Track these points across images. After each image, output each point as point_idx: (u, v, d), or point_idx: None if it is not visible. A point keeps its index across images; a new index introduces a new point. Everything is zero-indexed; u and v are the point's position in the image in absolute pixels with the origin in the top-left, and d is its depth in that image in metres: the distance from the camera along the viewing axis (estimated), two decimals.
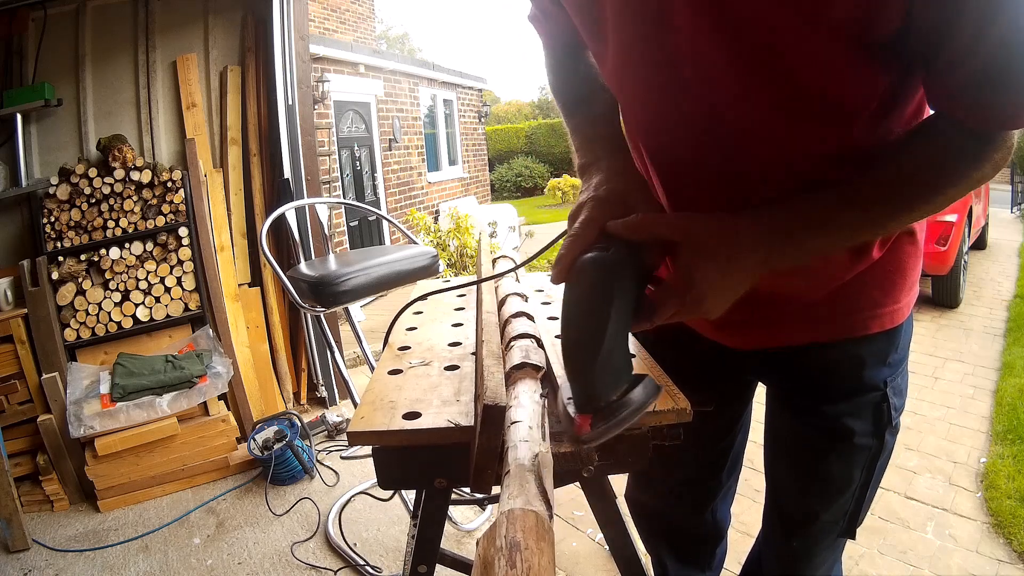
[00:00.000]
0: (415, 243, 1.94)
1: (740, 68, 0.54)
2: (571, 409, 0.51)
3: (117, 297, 2.30)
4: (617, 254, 0.52)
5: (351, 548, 1.79)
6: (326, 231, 2.70)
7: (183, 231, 2.37)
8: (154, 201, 2.35)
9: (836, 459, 0.78)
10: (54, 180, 2.23)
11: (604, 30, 0.62)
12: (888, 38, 0.49)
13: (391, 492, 1.80)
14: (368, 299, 1.83)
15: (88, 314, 2.26)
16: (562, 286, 0.55)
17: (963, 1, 0.45)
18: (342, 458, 2.40)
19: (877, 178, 0.54)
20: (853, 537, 0.85)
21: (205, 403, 2.27)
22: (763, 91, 0.55)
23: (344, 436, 2.55)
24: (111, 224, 2.30)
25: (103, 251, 2.28)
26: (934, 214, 0.68)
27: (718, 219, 0.54)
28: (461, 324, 1.00)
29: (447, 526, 1.15)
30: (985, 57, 0.47)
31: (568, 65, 0.77)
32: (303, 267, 1.74)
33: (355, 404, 1.91)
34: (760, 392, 0.94)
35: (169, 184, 2.35)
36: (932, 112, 0.56)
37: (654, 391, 0.50)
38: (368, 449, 0.65)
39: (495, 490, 0.57)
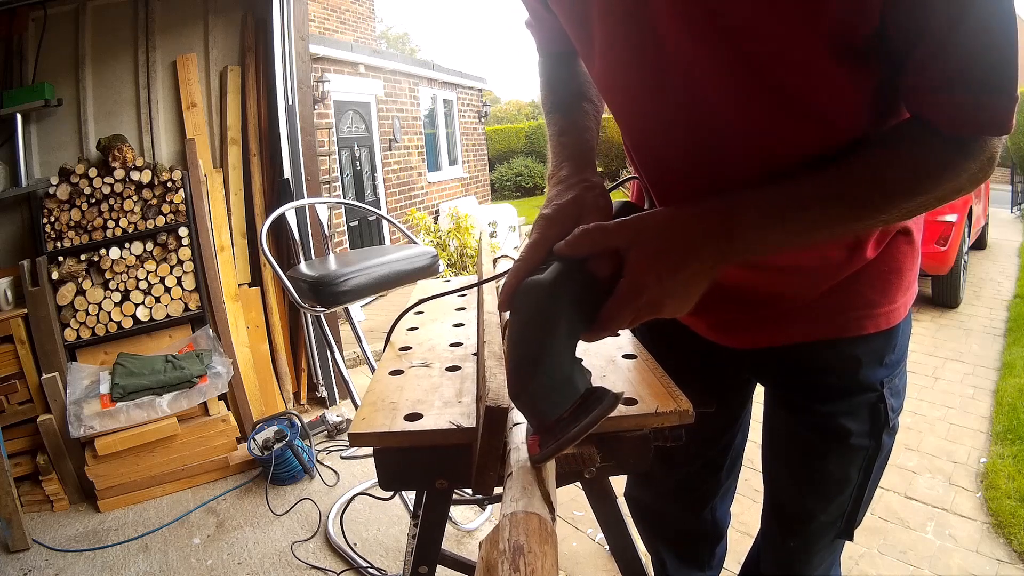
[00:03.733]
0: (415, 243, 1.94)
1: (725, 70, 0.54)
2: (520, 431, 0.51)
3: (117, 297, 2.30)
4: (554, 272, 0.51)
5: (352, 548, 1.79)
6: (326, 231, 2.70)
7: (183, 231, 2.37)
8: (154, 201, 2.35)
9: (833, 459, 0.78)
10: (54, 180, 2.23)
11: (591, 32, 0.62)
12: (868, 40, 0.49)
13: (392, 492, 1.80)
14: (368, 299, 1.83)
15: (88, 314, 2.26)
16: None
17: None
18: (342, 458, 2.40)
19: (846, 177, 0.52)
20: (851, 538, 0.85)
21: (205, 403, 2.27)
22: (748, 93, 0.55)
23: (344, 436, 2.55)
24: (111, 224, 2.30)
25: (103, 251, 2.28)
26: (904, 221, 0.67)
27: (663, 216, 0.53)
28: (462, 324, 1.00)
29: (447, 526, 1.15)
30: (955, 55, 0.47)
31: (554, 72, 0.77)
32: (303, 267, 1.74)
33: (355, 404, 1.90)
34: (759, 392, 0.94)
35: (169, 184, 2.35)
36: (907, 116, 0.55)
37: (610, 402, 0.48)
38: (368, 449, 0.65)
39: (495, 490, 0.57)
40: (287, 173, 2.67)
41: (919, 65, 0.49)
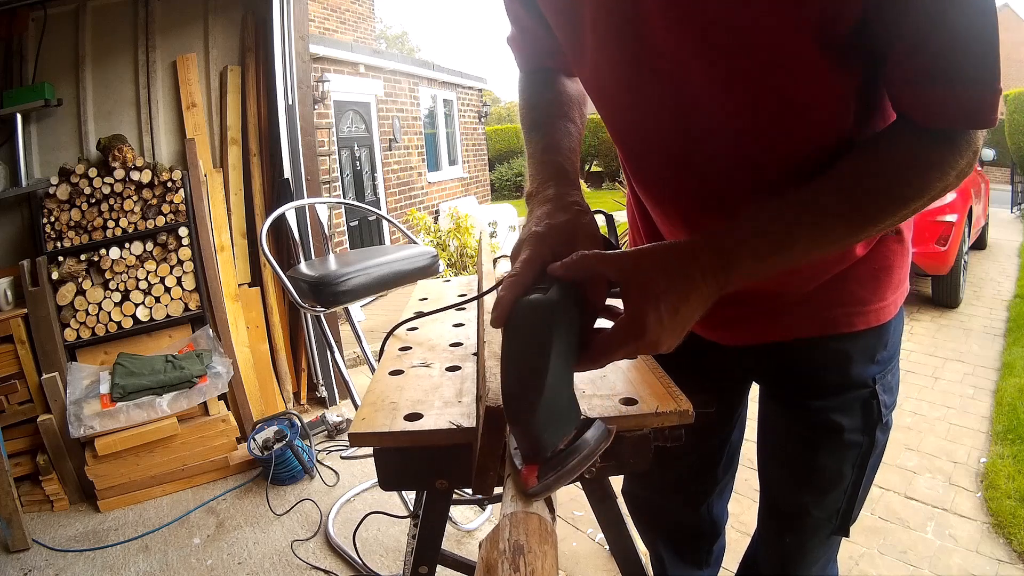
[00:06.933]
0: (415, 243, 1.94)
1: (711, 68, 0.55)
2: (517, 460, 0.49)
3: (117, 297, 2.30)
4: (555, 295, 0.50)
5: (352, 548, 1.79)
6: (326, 231, 2.70)
7: (183, 231, 2.37)
8: (154, 201, 2.35)
9: (826, 454, 0.79)
10: (54, 180, 2.23)
11: (583, 34, 0.62)
12: (850, 33, 0.50)
13: (407, 515, 1.80)
14: (368, 299, 1.83)
15: (88, 314, 2.26)
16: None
17: None
18: (342, 458, 2.40)
19: (837, 191, 0.52)
20: (847, 535, 0.86)
21: (205, 403, 2.27)
22: (734, 90, 0.56)
23: (344, 436, 2.55)
24: (111, 224, 2.30)
25: (103, 251, 2.28)
26: (899, 224, 0.68)
27: (664, 254, 0.52)
28: (462, 324, 1.00)
29: (447, 526, 1.15)
30: (937, 48, 0.47)
31: (536, 90, 0.76)
32: (303, 267, 1.74)
33: (355, 404, 1.90)
34: (756, 391, 0.94)
35: (169, 184, 2.35)
36: (893, 120, 0.55)
37: (604, 435, 0.49)
38: (368, 449, 0.65)
39: (495, 490, 0.57)
40: (287, 173, 2.67)
41: (901, 58, 0.49)
